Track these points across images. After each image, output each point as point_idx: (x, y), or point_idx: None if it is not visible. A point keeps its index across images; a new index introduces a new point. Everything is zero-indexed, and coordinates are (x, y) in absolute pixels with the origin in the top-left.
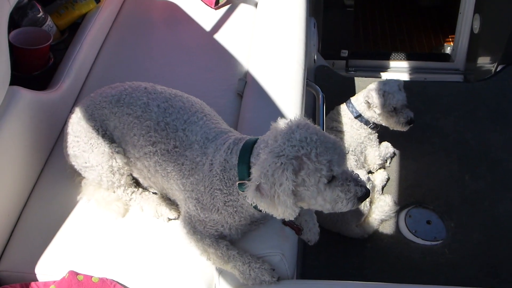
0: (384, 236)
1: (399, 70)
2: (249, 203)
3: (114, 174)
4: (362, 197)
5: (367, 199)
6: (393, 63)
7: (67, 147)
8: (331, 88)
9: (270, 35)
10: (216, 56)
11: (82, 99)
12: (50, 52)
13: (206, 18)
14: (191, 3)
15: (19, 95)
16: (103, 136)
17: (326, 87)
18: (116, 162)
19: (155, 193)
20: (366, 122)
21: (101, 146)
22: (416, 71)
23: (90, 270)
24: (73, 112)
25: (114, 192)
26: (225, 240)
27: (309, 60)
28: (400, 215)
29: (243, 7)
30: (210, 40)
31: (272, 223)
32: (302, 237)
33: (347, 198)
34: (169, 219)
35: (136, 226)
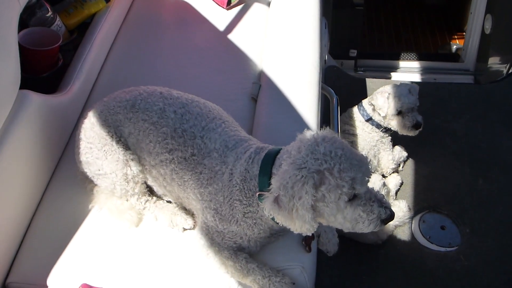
0: (398, 242)
1: (408, 70)
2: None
3: (128, 182)
4: (386, 219)
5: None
6: (402, 63)
7: (79, 153)
8: (341, 90)
9: (284, 36)
10: (229, 58)
11: (95, 104)
12: (59, 53)
13: (218, 19)
14: (202, 3)
15: (29, 99)
16: (117, 143)
17: (336, 88)
18: (130, 170)
19: (169, 201)
20: (378, 126)
21: (115, 153)
22: (425, 71)
23: (104, 282)
24: (85, 117)
25: (127, 200)
26: (244, 253)
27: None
28: (414, 221)
29: (255, 7)
30: (222, 41)
31: (291, 235)
32: (321, 247)
33: (369, 219)
34: (184, 229)
35: (150, 236)
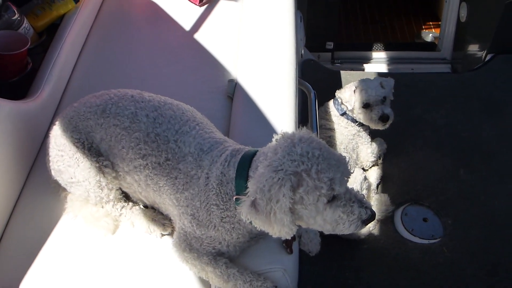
0: (380, 236)
1: (384, 61)
2: None
3: (102, 189)
4: (367, 220)
5: None
6: (378, 54)
7: (50, 161)
8: (319, 83)
9: (258, 31)
10: (203, 56)
11: (65, 109)
12: (28, 56)
13: (190, 16)
14: (174, 0)
15: None
16: (89, 150)
17: (314, 82)
18: (104, 177)
19: (146, 206)
20: (353, 120)
21: (87, 160)
22: (402, 61)
23: None
24: (55, 124)
25: (102, 207)
26: (223, 258)
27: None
28: (396, 214)
29: (229, 3)
30: (195, 39)
31: (272, 237)
32: (303, 248)
33: (350, 220)
34: (162, 235)
35: (127, 243)
